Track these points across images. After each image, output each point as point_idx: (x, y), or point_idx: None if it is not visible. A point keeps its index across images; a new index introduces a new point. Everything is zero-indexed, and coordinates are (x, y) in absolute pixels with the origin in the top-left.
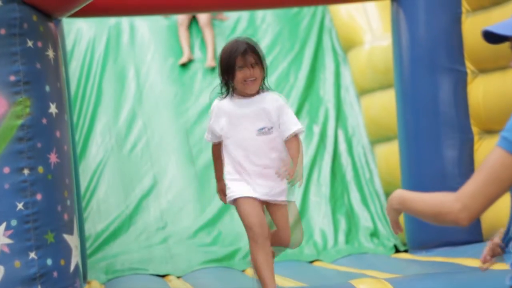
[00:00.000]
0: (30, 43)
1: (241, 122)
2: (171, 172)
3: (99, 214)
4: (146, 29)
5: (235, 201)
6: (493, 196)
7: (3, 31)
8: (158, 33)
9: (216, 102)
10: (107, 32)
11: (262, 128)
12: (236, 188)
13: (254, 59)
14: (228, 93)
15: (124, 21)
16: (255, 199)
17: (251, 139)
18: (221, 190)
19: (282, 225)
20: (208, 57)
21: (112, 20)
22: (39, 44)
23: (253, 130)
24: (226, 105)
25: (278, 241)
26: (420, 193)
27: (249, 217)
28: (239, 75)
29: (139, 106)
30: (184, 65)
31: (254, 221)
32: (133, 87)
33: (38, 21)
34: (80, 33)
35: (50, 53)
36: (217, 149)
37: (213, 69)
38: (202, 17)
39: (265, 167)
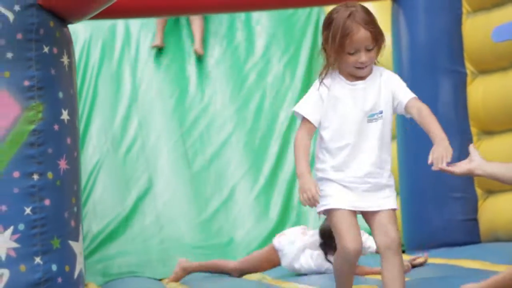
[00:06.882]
0: (46, 49)
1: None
2: (167, 174)
3: (95, 216)
4: (141, 30)
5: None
6: None
7: (19, 36)
8: (153, 33)
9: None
10: (103, 33)
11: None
12: None
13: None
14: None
15: (120, 22)
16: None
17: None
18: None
19: None
20: (196, 44)
21: (107, 21)
22: (55, 50)
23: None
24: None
25: None
26: None
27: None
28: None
29: (135, 107)
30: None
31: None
32: (129, 88)
33: (55, 27)
34: (76, 34)
35: (65, 59)
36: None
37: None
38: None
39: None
